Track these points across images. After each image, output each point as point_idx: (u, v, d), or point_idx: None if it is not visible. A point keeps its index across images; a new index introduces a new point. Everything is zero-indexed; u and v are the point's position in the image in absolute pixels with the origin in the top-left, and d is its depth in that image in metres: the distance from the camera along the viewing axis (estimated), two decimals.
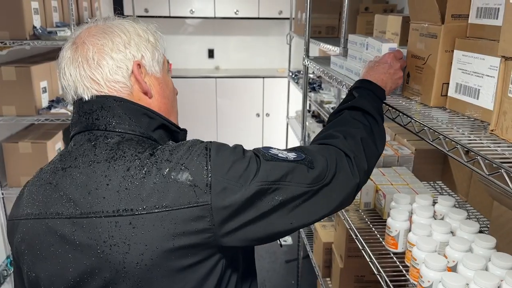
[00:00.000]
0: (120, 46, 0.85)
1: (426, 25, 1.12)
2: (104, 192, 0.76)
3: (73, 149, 0.83)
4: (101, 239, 0.75)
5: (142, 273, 0.75)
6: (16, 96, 2.44)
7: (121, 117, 0.82)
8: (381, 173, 1.61)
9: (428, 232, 1.16)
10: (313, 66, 2.08)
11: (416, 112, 1.09)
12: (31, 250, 0.80)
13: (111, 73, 0.83)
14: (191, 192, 0.75)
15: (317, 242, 2.11)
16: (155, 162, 0.77)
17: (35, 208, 0.81)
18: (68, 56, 0.85)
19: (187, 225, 0.74)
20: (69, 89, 0.85)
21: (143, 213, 0.74)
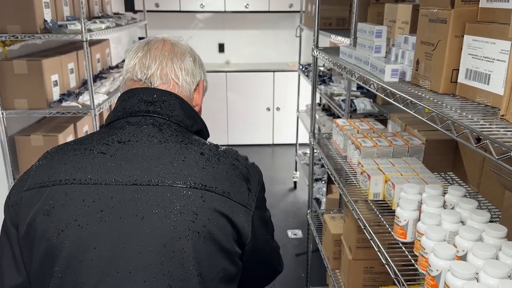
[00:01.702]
0: (197, 63, 1.04)
1: (435, 10, 1.09)
2: (180, 167, 0.84)
3: (129, 127, 0.89)
4: (171, 206, 0.81)
5: (200, 244, 0.81)
6: (28, 89, 2.47)
7: (179, 112, 0.94)
8: (391, 163, 1.59)
9: (438, 221, 1.14)
10: (322, 56, 2.06)
11: (425, 99, 1.07)
12: (68, 215, 0.80)
13: (188, 76, 0.98)
14: (246, 194, 0.89)
15: (326, 234, 2.10)
16: (225, 156, 0.91)
17: (80, 174, 0.82)
18: (158, 46, 0.97)
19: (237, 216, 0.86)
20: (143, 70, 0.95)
21: (213, 192, 0.84)
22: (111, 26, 3.02)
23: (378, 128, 1.96)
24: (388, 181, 1.46)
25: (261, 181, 0.95)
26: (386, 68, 1.27)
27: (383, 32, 1.43)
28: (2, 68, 2.42)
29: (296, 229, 3.64)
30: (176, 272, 0.79)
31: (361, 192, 1.59)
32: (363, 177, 1.55)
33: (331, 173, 1.82)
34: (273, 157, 5.24)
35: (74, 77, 2.89)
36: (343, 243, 1.87)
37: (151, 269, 0.78)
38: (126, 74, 0.98)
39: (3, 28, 2.37)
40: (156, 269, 0.78)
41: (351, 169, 1.82)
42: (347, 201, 1.57)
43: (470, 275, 0.92)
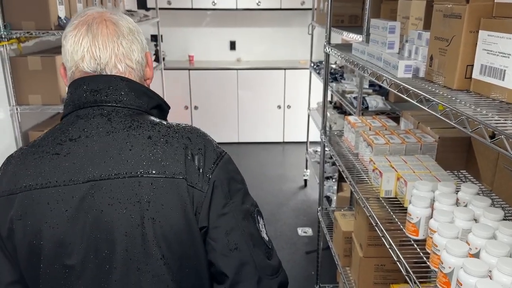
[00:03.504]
0: (141, 34, 0.97)
1: (450, 5, 1.08)
2: (127, 156, 0.85)
3: (79, 122, 0.88)
4: (124, 197, 0.83)
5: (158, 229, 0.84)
6: (42, 85, 2.50)
7: (128, 95, 0.90)
8: (403, 161, 1.58)
9: (450, 218, 1.13)
10: (334, 53, 2.05)
11: (439, 95, 1.06)
12: (39, 218, 0.84)
13: (139, 55, 0.94)
14: (196, 174, 0.86)
15: (337, 231, 2.09)
16: (176, 136, 0.88)
17: (41, 179, 0.85)
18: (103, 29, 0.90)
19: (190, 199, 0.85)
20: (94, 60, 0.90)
21: (163, 177, 0.84)
22: None
23: (391, 125, 1.95)
24: (400, 178, 1.45)
25: (221, 161, 0.89)
26: (399, 64, 1.26)
27: (396, 27, 1.42)
28: (17, 64, 2.45)
29: (306, 227, 3.64)
30: (141, 256, 0.84)
31: (372, 189, 1.58)
32: (375, 174, 1.54)
33: (342, 170, 1.82)
34: (284, 155, 5.24)
35: None
36: (354, 241, 1.87)
37: (120, 255, 0.84)
38: (74, 65, 0.91)
39: (18, 24, 2.41)
40: (123, 255, 0.84)
41: (363, 166, 1.81)
42: (358, 198, 1.56)
43: (483, 273, 0.91)
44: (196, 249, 0.87)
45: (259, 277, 0.88)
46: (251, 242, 0.89)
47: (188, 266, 0.88)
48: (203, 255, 0.88)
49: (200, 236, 0.87)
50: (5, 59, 2.40)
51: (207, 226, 0.87)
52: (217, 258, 0.88)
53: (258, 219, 0.94)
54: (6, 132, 2.47)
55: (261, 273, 0.89)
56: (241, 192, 0.92)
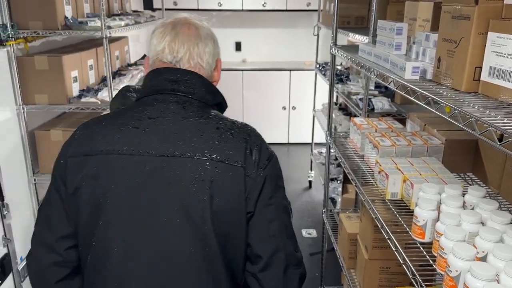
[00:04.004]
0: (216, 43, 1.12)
1: (459, 7, 1.08)
2: (198, 140, 0.97)
3: (157, 105, 1.02)
4: (190, 174, 0.95)
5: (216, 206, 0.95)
6: (48, 85, 2.51)
7: (200, 89, 1.04)
8: (409, 163, 1.57)
9: (457, 221, 1.12)
10: (340, 54, 2.05)
11: (447, 97, 1.05)
12: (110, 180, 0.96)
13: (210, 57, 1.08)
14: (252, 166, 0.99)
15: (342, 233, 2.08)
16: (238, 131, 1.02)
17: (118, 146, 0.97)
18: (184, 31, 1.05)
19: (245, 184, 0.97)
20: (172, 53, 1.04)
21: (225, 163, 0.96)
22: (130, 23, 3.06)
23: (397, 127, 1.94)
24: (407, 180, 1.44)
25: (272, 160, 1.03)
26: (406, 65, 1.25)
27: (403, 29, 1.42)
28: (24, 63, 2.46)
29: (310, 228, 3.63)
30: (196, 227, 0.95)
31: (378, 191, 1.57)
32: (381, 176, 1.53)
33: (348, 172, 1.81)
34: (288, 156, 5.23)
35: (93, 74, 2.93)
36: (359, 243, 1.86)
37: (178, 224, 0.95)
38: (155, 55, 1.07)
39: (25, 24, 2.42)
40: (182, 225, 0.95)
41: (368, 168, 1.80)
42: (364, 200, 1.55)
43: (490, 277, 0.90)
44: (241, 229, 0.98)
45: (287, 264, 1.01)
46: (286, 233, 1.03)
47: (232, 242, 0.99)
48: (244, 236, 0.99)
49: (246, 220, 0.98)
50: (12, 58, 2.40)
51: (253, 212, 0.98)
52: (256, 241, 1.00)
53: (291, 215, 1.07)
54: (13, 131, 2.48)
55: (289, 261, 1.02)
56: (282, 189, 1.06)
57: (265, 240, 1.00)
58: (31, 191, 2.63)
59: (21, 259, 2.51)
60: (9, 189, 2.37)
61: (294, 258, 1.04)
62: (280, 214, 1.02)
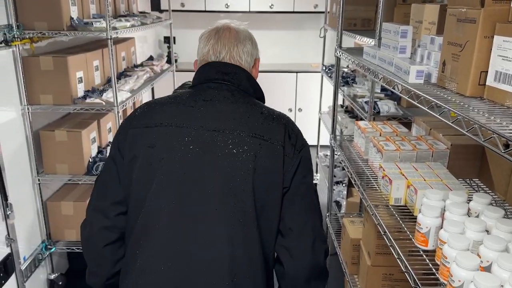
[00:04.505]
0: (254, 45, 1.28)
1: (464, 9, 1.05)
2: (245, 121, 1.11)
3: (211, 90, 1.16)
4: (238, 149, 1.07)
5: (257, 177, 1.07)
6: (53, 85, 2.51)
7: (246, 82, 1.20)
8: (414, 168, 1.54)
9: (461, 229, 1.10)
10: (345, 57, 2.02)
11: (451, 102, 1.02)
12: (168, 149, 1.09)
13: (248, 56, 1.23)
14: (291, 148, 1.12)
15: (345, 238, 2.06)
16: (279, 117, 1.16)
17: (176, 120, 1.11)
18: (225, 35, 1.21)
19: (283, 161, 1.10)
20: (216, 54, 1.20)
21: (268, 142, 1.09)
22: (136, 24, 3.05)
23: (402, 131, 1.91)
24: (411, 186, 1.42)
25: (306, 145, 1.17)
26: (411, 69, 1.23)
27: (408, 32, 1.39)
28: (29, 64, 2.47)
29: None
30: (239, 194, 1.06)
31: (382, 196, 1.55)
32: (385, 182, 1.50)
33: (352, 176, 1.79)
34: None
35: (99, 74, 2.93)
36: (362, 248, 1.83)
37: (223, 189, 1.06)
38: (202, 57, 1.23)
39: (31, 24, 2.42)
40: (226, 190, 1.06)
41: (372, 172, 1.78)
42: (367, 206, 1.53)
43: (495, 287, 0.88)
44: (276, 202, 1.09)
45: (315, 237, 1.12)
46: (315, 210, 1.15)
47: (266, 214, 1.09)
48: (279, 209, 1.10)
49: (281, 194, 1.10)
50: (18, 58, 2.41)
51: (288, 187, 1.10)
52: (289, 214, 1.11)
53: (318, 195, 1.20)
54: (18, 131, 2.48)
55: (317, 235, 1.13)
56: (312, 172, 1.18)
57: (297, 213, 1.11)
58: (35, 191, 2.64)
59: (24, 259, 2.51)
60: (14, 189, 2.38)
61: (321, 233, 1.16)
62: (311, 192, 1.15)
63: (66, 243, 2.74)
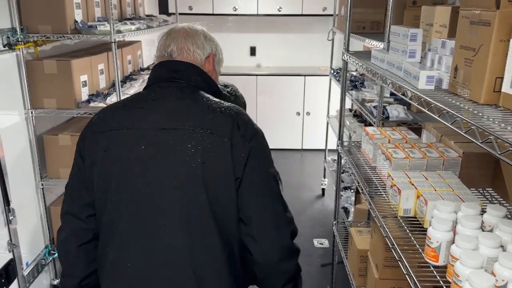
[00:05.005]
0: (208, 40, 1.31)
1: (478, 11, 0.99)
2: (192, 116, 1.14)
3: (160, 90, 1.21)
4: (186, 143, 1.11)
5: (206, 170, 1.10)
6: (57, 89, 2.49)
7: (196, 77, 1.24)
8: (424, 177, 1.48)
9: (474, 245, 1.03)
10: (352, 61, 1.96)
11: (464, 109, 0.96)
12: (120, 151, 1.14)
13: (199, 48, 1.27)
14: (239, 139, 1.13)
15: (352, 249, 1.99)
16: (228, 109, 1.17)
17: (126, 123, 1.16)
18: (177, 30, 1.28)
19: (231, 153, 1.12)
20: (165, 48, 1.26)
21: (215, 134, 1.11)
22: (142, 27, 3.02)
23: (411, 138, 1.85)
24: (420, 196, 1.35)
25: (257, 134, 1.17)
26: (420, 74, 1.17)
27: (418, 35, 1.33)
28: (33, 67, 2.45)
29: (322, 238, 3.54)
30: (191, 188, 1.10)
31: (390, 206, 1.49)
32: (393, 191, 1.44)
33: (359, 185, 1.72)
34: (302, 163, 5.14)
35: (104, 78, 2.91)
36: (370, 260, 1.77)
37: (176, 185, 1.11)
38: (156, 53, 1.31)
39: (35, 28, 2.40)
40: (179, 185, 1.10)
41: (380, 180, 1.71)
42: (374, 216, 1.47)
43: None
44: (230, 193, 1.11)
45: (277, 221, 1.15)
46: (274, 195, 1.17)
47: (222, 203, 1.12)
48: (235, 200, 1.12)
49: (235, 184, 1.11)
50: (21, 62, 2.39)
51: (241, 177, 1.12)
52: (246, 203, 1.13)
53: (280, 183, 1.20)
54: (21, 135, 2.46)
55: (278, 219, 1.16)
56: (269, 160, 1.20)
57: (254, 202, 1.14)
58: (38, 196, 2.61)
59: (27, 264, 2.49)
60: (16, 194, 2.36)
61: (283, 217, 1.18)
62: (266, 179, 1.17)
63: None
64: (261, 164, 1.16)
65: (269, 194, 1.16)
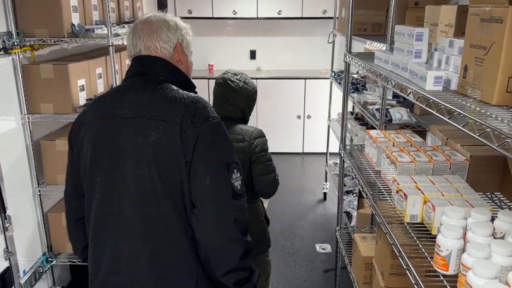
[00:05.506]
0: (172, 30, 1.35)
1: (489, 8, 0.94)
2: (151, 105, 1.24)
3: (129, 82, 1.33)
4: (146, 131, 1.21)
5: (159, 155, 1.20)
6: (54, 94, 2.44)
7: (164, 70, 1.33)
8: (430, 182, 1.43)
9: (487, 253, 0.98)
10: (355, 62, 1.92)
11: (476, 111, 0.92)
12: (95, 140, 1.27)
13: (164, 43, 1.33)
14: (189, 124, 1.20)
15: (356, 256, 1.94)
16: (183, 99, 1.25)
17: (99, 114, 1.30)
18: (141, 27, 1.34)
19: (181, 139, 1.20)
20: (134, 48, 1.34)
21: (167, 122, 1.20)
22: None
23: (416, 141, 1.80)
24: (428, 202, 1.30)
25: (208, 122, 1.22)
26: (428, 75, 1.12)
27: (424, 34, 1.29)
28: (29, 72, 2.40)
29: (324, 243, 3.48)
30: (146, 167, 1.21)
31: (395, 212, 1.44)
32: (399, 197, 1.39)
33: (363, 190, 1.67)
34: (303, 166, 5.10)
35: (102, 82, 2.86)
36: (375, 267, 1.71)
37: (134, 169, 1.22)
38: (128, 52, 1.38)
39: (31, 32, 2.36)
40: (137, 169, 1.22)
41: (385, 185, 1.67)
42: (380, 223, 1.42)
43: None
44: (182, 175, 1.20)
45: (220, 207, 1.20)
46: (221, 183, 1.20)
47: (175, 185, 1.21)
48: (186, 181, 1.20)
49: (185, 167, 1.19)
50: (18, 66, 2.35)
51: (190, 161, 1.19)
52: (194, 187, 1.20)
53: (234, 171, 1.23)
54: (17, 141, 2.42)
55: (222, 206, 1.20)
56: (221, 147, 1.24)
57: (200, 186, 1.20)
58: (35, 202, 2.57)
59: (24, 272, 2.44)
60: (13, 201, 2.31)
61: (228, 203, 1.21)
62: (215, 165, 1.21)
63: (68, 255, 2.67)
64: (209, 150, 1.22)
65: (216, 178, 1.20)
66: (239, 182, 1.24)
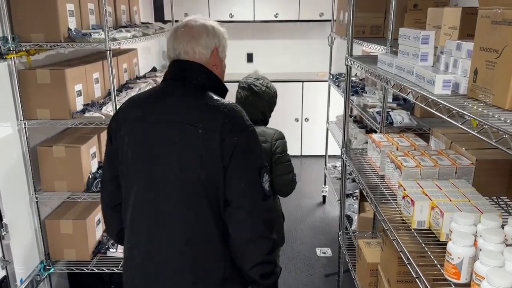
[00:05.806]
0: (210, 35, 1.41)
1: (500, 10, 0.92)
2: (189, 111, 1.32)
3: (168, 87, 1.40)
4: (183, 135, 1.29)
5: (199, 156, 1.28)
6: (51, 99, 2.40)
7: (201, 76, 1.38)
8: (437, 186, 1.41)
9: (501, 262, 0.96)
10: (357, 65, 1.90)
11: (487, 116, 0.89)
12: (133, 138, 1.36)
13: (203, 48, 1.39)
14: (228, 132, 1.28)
15: (361, 262, 1.91)
16: (222, 107, 1.32)
17: (140, 115, 1.36)
18: (181, 32, 1.39)
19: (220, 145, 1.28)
20: (174, 51, 1.40)
21: (208, 128, 1.28)
22: (137, 35, 2.95)
23: (420, 145, 1.78)
24: (435, 208, 1.28)
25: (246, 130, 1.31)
26: (436, 78, 1.10)
27: (430, 37, 1.27)
28: (25, 77, 2.36)
29: (325, 247, 3.46)
30: (185, 170, 1.29)
31: (400, 217, 1.41)
32: (406, 202, 1.37)
33: (367, 195, 1.65)
34: (301, 169, 5.07)
35: (100, 87, 2.83)
36: (381, 274, 1.68)
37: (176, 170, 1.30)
38: (167, 56, 1.45)
39: (27, 37, 2.33)
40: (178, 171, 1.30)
41: (388, 188, 1.64)
42: (386, 229, 1.39)
43: None
44: (218, 176, 1.28)
45: (251, 209, 1.30)
46: (253, 185, 1.30)
47: (212, 187, 1.29)
48: (222, 183, 1.29)
49: (222, 171, 1.28)
50: (13, 72, 2.31)
51: (228, 166, 1.27)
52: (229, 188, 1.29)
53: (264, 175, 1.33)
54: (14, 148, 2.38)
55: (253, 207, 1.30)
56: (255, 154, 1.34)
57: (234, 188, 1.29)
58: (32, 210, 2.52)
59: (21, 281, 2.39)
60: (10, 208, 2.27)
61: (258, 204, 1.31)
62: (250, 171, 1.30)
63: (66, 263, 2.62)
64: (246, 156, 1.31)
65: (249, 182, 1.30)
66: (268, 184, 1.35)
